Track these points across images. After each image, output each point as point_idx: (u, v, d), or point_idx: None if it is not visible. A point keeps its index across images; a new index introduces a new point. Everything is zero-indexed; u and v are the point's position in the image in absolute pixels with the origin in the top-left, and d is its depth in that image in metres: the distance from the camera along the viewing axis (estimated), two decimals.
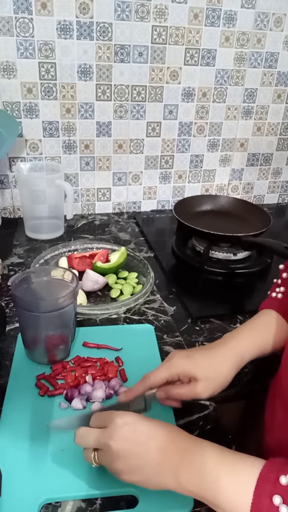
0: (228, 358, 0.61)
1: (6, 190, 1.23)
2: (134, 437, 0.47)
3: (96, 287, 0.91)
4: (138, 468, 0.46)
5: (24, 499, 0.51)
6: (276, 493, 0.38)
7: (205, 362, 0.60)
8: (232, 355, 0.61)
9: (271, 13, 1.19)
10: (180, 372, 0.59)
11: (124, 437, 0.47)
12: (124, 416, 0.48)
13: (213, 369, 0.60)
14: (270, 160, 1.43)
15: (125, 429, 0.47)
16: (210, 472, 0.43)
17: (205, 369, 0.59)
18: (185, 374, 0.59)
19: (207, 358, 0.61)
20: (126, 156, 1.28)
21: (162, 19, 1.12)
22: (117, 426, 0.47)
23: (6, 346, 0.75)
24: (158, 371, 0.60)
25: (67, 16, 1.06)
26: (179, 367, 0.59)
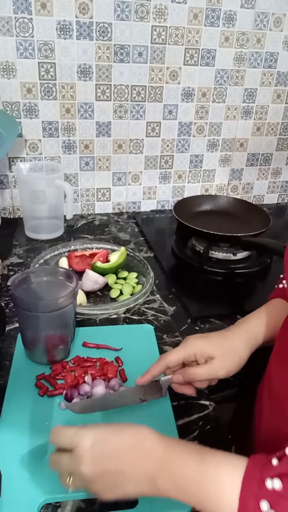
0: (242, 338, 0.62)
1: (6, 190, 1.23)
2: (103, 457, 0.45)
3: (96, 287, 0.91)
4: (115, 484, 0.45)
5: (24, 499, 0.51)
6: (262, 497, 0.37)
7: (220, 342, 0.61)
8: (247, 335, 0.63)
9: (270, 13, 1.19)
10: (197, 351, 0.60)
11: (93, 460, 0.44)
12: (89, 437, 0.46)
13: (229, 347, 0.61)
14: (269, 160, 1.44)
15: (93, 451, 0.45)
16: (190, 480, 0.42)
17: (221, 347, 0.60)
18: (201, 353, 0.60)
19: (223, 337, 0.62)
20: (126, 156, 1.28)
21: (162, 19, 1.12)
22: (83, 449, 0.45)
23: (6, 346, 0.75)
24: (175, 351, 0.61)
25: (67, 16, 1.06)
26: (196, 346, 0.60)
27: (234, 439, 0.61)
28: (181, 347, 0.61)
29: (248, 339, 0.63)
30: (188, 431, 0.61)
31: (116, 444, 0.45)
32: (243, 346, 0.62)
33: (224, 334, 0.63)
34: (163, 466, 0.44)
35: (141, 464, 0.44)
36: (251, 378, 0.74)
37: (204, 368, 0.59)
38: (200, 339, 0.61)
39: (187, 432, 0.61)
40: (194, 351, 0.60)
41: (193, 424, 0.62)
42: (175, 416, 0.63)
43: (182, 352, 0.60)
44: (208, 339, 0.61)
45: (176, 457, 0.44)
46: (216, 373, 0.60)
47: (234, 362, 0.61)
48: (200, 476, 0.42)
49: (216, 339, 0.62)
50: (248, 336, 0.63)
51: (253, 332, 0.64)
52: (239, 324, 0.66)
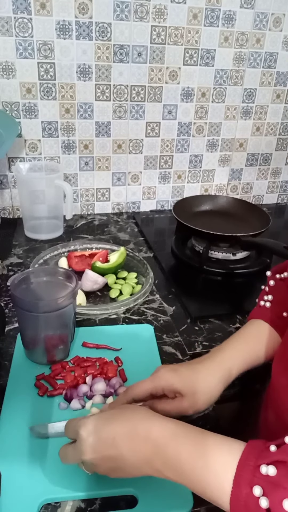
0: (215, 373, 0.59)
1: (5, 190, 1.23)
2: (99, 445, 0.46)
3: (96, 287, 0.91)
4: (117, 468, 0.47)
5: (24, 499, 0.51)
6: (256, 483, 0.37)
7: (191, 377, 0.58)
8: (219, 370, 0.60)
9: (270, 13, 1.19)
10: (165, 386, 0.57)
11: (91, 449, 0.46)
12: (87, 426, 0.47)
13: (200, 384, 0.58)
14: (269, 160, 1.44)
15: (90, 441, 0.46)
16: (186, 463, 0.42)
17: (191, 384, 0.57)
18: (170, 388, 0.57)
19: (194, 372, 0.58)
20: (126, 156, 1.28)
21: (161, 19, 1.12)
22: (82, 440, 0.47)
23: (5, 347, 0.75)
24: (142, 383, 0.58)
25: (66, 16, 1.06)
26: (164, 380, 0.57)
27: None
28: (149, 379, 0.58)
29: (221, 376, 0.59)
30: None
31: (111, 431, 0.46)
32: (215, 383, 0.59)
33: (196, 369, 0.59)
34: (158, 449, 0.44)
35: (137, 449, 0.45)
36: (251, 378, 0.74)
37: (172, 405, 0.57)
38: (169, 373, 0.58)
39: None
40: (162, 384, 0.57)
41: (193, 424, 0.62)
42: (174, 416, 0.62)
43: (150, 385, 0.58)
44: (179, 374, 0.58)
45: (171, 440, 0.44)
46: (185, 411, 0.57)
47: (204, 400, 0.58)
48: (195, 459, 0.42)
49: (186, 374, 0.58)
50: (222, 372, 0.60)
51: (227, 366, 0.61)
52: (213, 356, 0.62)
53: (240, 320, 0.86)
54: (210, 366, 0.60)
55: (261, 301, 0.70)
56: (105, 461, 0.46)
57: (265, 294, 0.71)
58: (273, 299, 0.69)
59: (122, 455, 0.45)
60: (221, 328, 0.84)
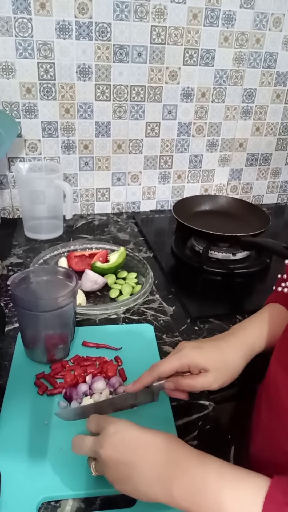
0: (238, 349, 0.61)
1: (5, 191, 1.23)
2: (122, 445, 0.45)
3: (95, 287, 0.91)
4: (127, 477, 0.44)
5: (23, 497, 0.51)
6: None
7: (215, 353, 0.59)
8: (242, 346, 0.61)
9: (270, 13, 1.20)
10: (191, 363, 0.58)
11: (112, 446, 0.45)
12: (116, 424, 0.47)
13: (224, 360, 0.59)
14: (269, 160, 1.44)
15: (114, 438, 0.45)
16: (209, 490, 0.41)
17: (215, 360, 0.59)
18: (195, 365, 0.58)
19: (218, 349, 0.60)
20: (125, 156, 1.28)
21: (161, 19, 1.12)
22: (107, 434, 0.46)
23: (5, 346, 0.75)
24: (168, 361, 0.59)
25: (66, 16, 1.06)
26: (190, 358, 0.58)
27: (234, 439, 0.61)
28: (175, 357, 0.59)
29: (244, 351, 0.61)
30: (187, 431, 0.61)
31: (138, 437, 0.46)
32: (238, 358, 0.61)
33: (219, 346, 0.61)
34: (180, 469, 0.42)
35: (159, 463, 0.43)
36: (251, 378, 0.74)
37: (198, 380, 0.58)
38: (194, 350, 0.59)
39: (187, 432, 0.61)
40: (188, 362, 0.58)
41: (192, 424, 0.62)
42: (174, 416, 0.62)
43: (176, 363, 0.59)
44: (203, 351, 0.59)
45: (195, 462, 0.43)
46: (210, 386, 0.58)
47: (228, 375, 0.60)
48: (219, 488, 0.40)
49: (210, 351, 0.60)
50: (244, 348, 0.62)
51: (249, 343, 0.62)
52: (235, 333, 0.64)
53: (240, 320, 0.86)
54: (233, 343, 0.61)
55: (279, 287, 0.71)
56: (119, 464, 0.44)
57: (282, 281, 0.71)
58: None
59: (139, 465, 0.44)
60: (221, 328, 0.84)
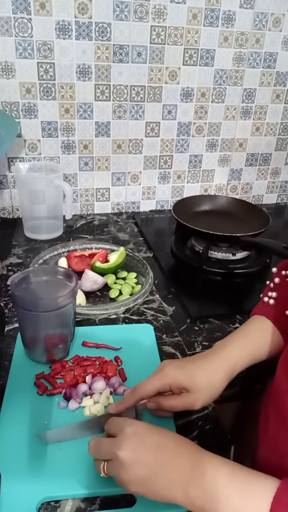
0: (220, 369, 0.61)
1: (5, 191, 1.23)
2: (142, 447, 0.45)
3: (95, 287, 0.91)
4: (146, 479, 0.45)
5: (22, 497, 0.51)
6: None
7: (197, 373, 0.59)
8: (224, 366, 0.61)
9: (269, 13, 1.20)
10: (172, 383, 0.58)
11: (132, 447, 0.45)
12: (135, 425, 0.47)
13: (205, 380, 0.59)
14: (269, 160, 1.44)
15: (134, 439, 0.46)
16: (220, 491, 0.42)
17: (197, 380, 0.58)
18: (177, 385, 0.58)
19: (199, 369, 0.60)
20: (125, 156, 1.28)
21: (161, 19, 1.12)
22: (126, 435, 0.46)
23: (5, 347, 0.75)
24: (149, 382, 0.59)
25: (66, 16, 1.06)
26: (171, 378, 0.58)
27: (234, 439, 0.61)
28: (156, 378, 0.59)
29: (226, 372, 0.61)
30: (188, 431, 0.61)
31: (158, 438, 0.46)
32: (221, 378, 0.60)
33: (202, 366, 0.60)
34: (196, 471, 0.44)
35: (177, 464, 0.44)
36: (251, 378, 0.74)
37: (179, 401, 0.58)
38: (176, 370, 0.59)
39: (187, 432, 0.61)
40: (169, 382, 0.58)
41: (193, 424, 0.62)
42: (174, 416, 0.62)
43: (158, 384, 0.58)
44: (185, 370, 0.59)
45: (209, 465, 0.44)
46: (192, 406, 0.58)
47: (210, 395, 0.59)
48: (229, 489, 0.42)
49: (192, 370, 0.59)
50: (226, 369, 0.61)
51: (231, 363, 0.62)
52: (218, 352, 0.63)
53: (240, 320, 0.86)
54: (215, 363, 0.61)
55: (265, 297, 0.70)
56: (138, 466, 0.44)
57: (269, 290, 0.71)
58: (277, 296, 0.68)
59: (158, 467, 0.44)
60: (221, 328, 0.84)
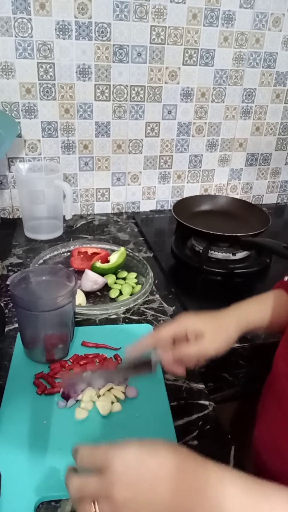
0: (232, 320, 0.64)
1: (5, 191, 1.23)
2: (139, 483, 0.39)
3: (95, 287, 0.91)
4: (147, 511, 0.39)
5: (21, 497, 0.51)
6: None
7: (211, 319, 0.63)
8: (236, 318, 0.64)
9: (269, 13, 1.20)
10: (188, 327, 0.61)
11: (128, 485, 0.39)
12: (124, 457, 0.40)
13: (219, 325, 0.62)
14: (269, 160, 1.44)
15: (128, 475, 0.39)
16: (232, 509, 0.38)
17: (211, 324, 0.62)
18: (192, 328, 0.61)
19: (213, 317, 0.64)
20: (125, 156, 1.28)
21: (161, 19, 1.12)
22: (117, 473, 0.40)
23: (5, 347, 0.75)
24: (167, 325, 0.62)
25: (66, 17, 1.06)
26: (187, 321, 0.62)
27: (234, 439, 0.61)
28: (174, 323, 0.62)
29: (238, 323, 0.64)
30: (187, 431, 0.61)
31: (153, 465, 0.40)
32: (233, 325, 0.63)
33: (216, 315, 0.65)
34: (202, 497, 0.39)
35: (179, 493, 0.39)
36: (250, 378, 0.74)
37: (194, 345, 0.60)
38: (192, 316, 0.63)
39: (187, 432, 0.61)
40: (185, 326, 0.61)
41: (192, 424, 0.62)
42: (174, 416, 0.62)
43: (174, 327, 0.61)
44: (200, 317, 0.63)
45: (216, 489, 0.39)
46: (206, 350, 0.60)
47: (223, 340, 0.61)
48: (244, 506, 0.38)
49: (207, 317, 0.64)
50: (239, 318, 0.64)
51: (244, 316, 0.65)
52: (232, 308, 0.67)
53: None
54: (227, 314, 0.65)
55: (286, 277, 0.73)
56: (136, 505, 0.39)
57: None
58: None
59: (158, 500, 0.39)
60: None
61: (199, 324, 0.61)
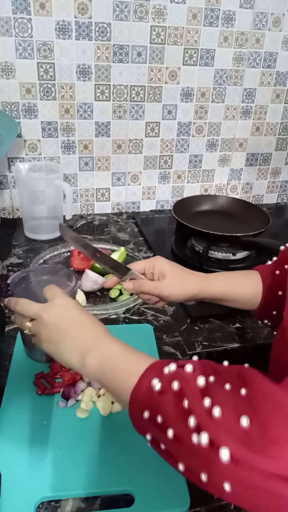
0: (197, 278, 0.69)
1: (5, 191, 1.23)
2: (63, 316, 0.53)
3: (96, 287, 0.91)
4: (56, 342, 0.51)
5: (21, 496, 0.51)
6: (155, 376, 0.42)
7: (178, 268, 0.69)
8: (201, 278, 0.69)
9: (269, 13, 1.20)
10: (156, 265, 0.69)
11: (55, 314, 0.53)
12: (66, 299, 0.55)
13: (182, 276, 0.69)
14: (269, 160, 1.44)
15: (60, 308, 0.53)
16: (111, 359, 0.48)
17: (175, 272, 0.68)
18: (158, 268, 0.68)
19: (181, 268, 0.70)
20: (125, 156, 1.28)
21: (161, 19, 1.12)
22: (55, 304, 0.54)
23: (5, 347, 0.75)
24: (140, 261, 0.71)
25: (66, 17, 1.06)
26: (158, 260, 0.69)
27: None
28: (147, 259, 0.71)
29: (201, 281, 0.69)
30: None
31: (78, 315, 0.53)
32: (195, 281, 0.68)
33: (184, 270, 0.70)
34: (97, 343, 0.50)
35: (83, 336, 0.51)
36: None
37: (151, 282, 0.68)
38: (164, 259, 0.70)
39: None
40: (154, 263, 0.69)
41: None
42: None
43: (145, 262, 0.70)
44: (170, 262, 0.69)
45: (108, 340, 0.51)
46: (160, 290, 0.67)
47: (180, 288, 0.67)
48: (118, 360, 0.48)
49: (176, 266, 0.70)
50: (203, 279, 0.69)
51: (208, 280, 0.70)
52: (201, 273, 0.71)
53: (240, 319, 0.86)
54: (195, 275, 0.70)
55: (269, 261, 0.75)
56: (54, 329, 0.52)
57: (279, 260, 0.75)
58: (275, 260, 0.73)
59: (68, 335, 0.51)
60: (221, 328, 0.84)
61: (166, 267, 0.68)
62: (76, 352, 0.50)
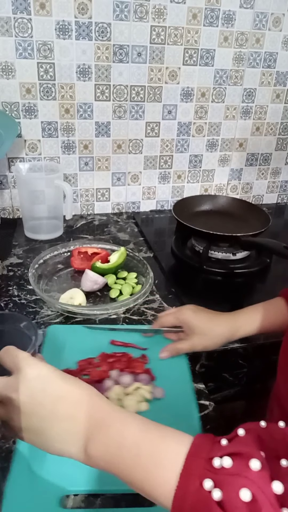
0: (223, 326, 0.70)
1: (5, 191, 1.23)
2: (41, 395, 0.40)
3: (96, 287, 0.91)
4: (40, 430, 0.40)
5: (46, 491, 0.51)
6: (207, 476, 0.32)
7: (203, 320, 0.71)
8: (228, 325, 0.71)
9: (269, 13, 1.20)
10: (184, 323, 0.71)
11: (30, 393, 0.40)
12: (38, 368, 0.41)
13: (209, 328, 0.70)
14: (269, 160, 1.44)
15: (34, 384, 0.40)
16: (127, 448, 0.37)
17: (202, 325, 0.70)
18: (187, 326, 0.71)
19: (208, 320, 0.71)
20: (125, 156, 1.28)
21: (161, 19, 1.12)
22: (26, 378, 0.40)
23: None
24: (169, 315, 0.74)
25: (66, 17, 1.06)
26: (186, 317, 0.71)
27: None
28: (174, 313, 0.74)
29: (227, 330, 0.70)
30: None
31: (60, 388, 0.41)
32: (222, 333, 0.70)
33: (211, 317, 0.72)
34: (99, 427, 0.39)
35: (77, 417, 0.39)
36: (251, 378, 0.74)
37: (186, 343, 0.71)
38: (191, 312, 0.72)
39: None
40: (178, 317, 0.72)
41: None
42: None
43: (174, 320, 0.73)
44: (197, 315, 0.71)
45: (118, 421, 0.39)
46: (194, 346, 0.70)
47: (211, 341, 0.70)
48: (139, 446, 0.37)
49: (203, 318, 0.71)
50: (229, 327, 0.70)
51: (235, 326, 0.71)
52: (227, 314, 0.73)
53: None
54: (222, 321, 0.71)
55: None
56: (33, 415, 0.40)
57: None
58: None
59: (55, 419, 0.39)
60: None
61: (191, 320, 0.70)
62: (72, 439, 0.39)
